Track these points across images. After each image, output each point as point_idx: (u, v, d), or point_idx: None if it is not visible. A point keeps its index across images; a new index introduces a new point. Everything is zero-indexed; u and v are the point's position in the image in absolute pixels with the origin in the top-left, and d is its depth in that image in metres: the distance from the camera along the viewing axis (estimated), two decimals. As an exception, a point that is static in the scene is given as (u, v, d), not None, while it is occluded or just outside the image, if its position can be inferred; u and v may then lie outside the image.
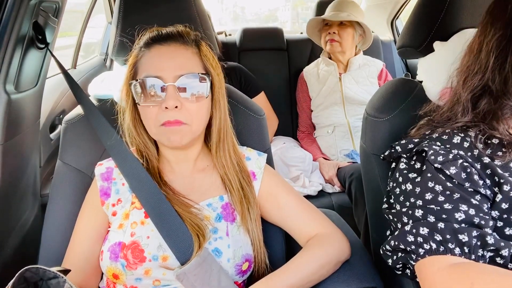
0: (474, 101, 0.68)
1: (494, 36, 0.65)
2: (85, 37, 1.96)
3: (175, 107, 0.70)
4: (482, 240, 0.58)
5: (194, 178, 0.81)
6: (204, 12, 0.96)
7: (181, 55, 0.74)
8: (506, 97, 0.65)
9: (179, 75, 0.71)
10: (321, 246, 0.76)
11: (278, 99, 2.03)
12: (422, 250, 0.60)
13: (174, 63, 0.72)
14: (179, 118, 0.71)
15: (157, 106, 0.71)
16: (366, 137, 0.91)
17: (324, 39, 1.83)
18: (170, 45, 0.74)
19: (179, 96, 0.71)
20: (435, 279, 0.57)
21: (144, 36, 0.77)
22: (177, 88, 0.71)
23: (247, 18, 11.05)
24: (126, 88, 0.77)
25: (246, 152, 0.86)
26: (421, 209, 0.63)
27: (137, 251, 0.71)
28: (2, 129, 0.89)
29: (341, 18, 1.76)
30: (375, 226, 0.91)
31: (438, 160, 0.65)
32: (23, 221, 1.06)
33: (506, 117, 0.66)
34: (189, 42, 0.75)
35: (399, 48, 0.96)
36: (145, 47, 0.75)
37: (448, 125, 0.70)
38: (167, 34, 0.75)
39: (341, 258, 0.77)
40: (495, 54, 0.65)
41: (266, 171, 0.84)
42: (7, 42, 0.85)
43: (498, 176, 0.63)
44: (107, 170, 0.81)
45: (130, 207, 0.77)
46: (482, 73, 0.67)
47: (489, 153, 0.65)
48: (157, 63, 0.72)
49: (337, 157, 1.76)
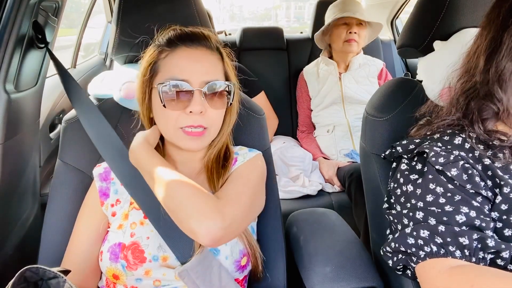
0: (466, 101, 0.69)
1: (486, 39, 0.65)
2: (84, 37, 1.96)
3: (200, 112, 0.70)
4: (483, 242, 0.58)
5: (194, 178, 0.81)
6: (204, 11, 0.96)
7: (208, 60, 0.73)
8: (488, 99, 0.65)
9: (206, 81, 0.71)
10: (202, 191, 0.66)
11: (278, 98, 2.03)
12: (422, 253, 0.60)
13: (201, 68, 0.72)
14: (202, 123, 0.72)
15: (180, 110, 0.71)
16: (366, 136, 0.91)
17: (341, 38, 1.79)
18: (197, 48, 0.73)
19: (204, 102, 0.71)
20: (436, 281, 0.57)
21: (166, 34, 0.75)
22: (203, 94, 0.71)
23: (244, 17, 11.14)
24: (142, 86, 0.75)
25: (237, 150, 0.86)
26: (422, 211, 0.63)
27: (137, 252, 0.71)
28: (2, 129, 0.89)
29: (367, 19, 1.76)
30: (375, 225, 0.91)
31: (439, 162, 0.64)
32: (22, 220, 1.06)
33: (485, 118, 0.66)
34: (214, 48, 0.75)
35: (399, 48, 0.96)
36: (168, 46, 0.74)
37: (444, 124, 0.70)
38: (193, 35, 0.74)
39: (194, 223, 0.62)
40: (485, 57, 0.65)
41: (249, 161, 0.81)
42: (7, 41, 0.85)
43: (499, 177, 0.63)
44: (105, 170, 0.81)
45: (129, 207, 0.77)
46: (472, 75, 0.67)
47: (489, 154, 0.65)
48: (184, 66, 0.72)
49: (336, 156, 1.75)
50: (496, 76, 0.63)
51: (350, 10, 1.75)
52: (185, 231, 0.64)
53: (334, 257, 0.82)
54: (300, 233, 0.92)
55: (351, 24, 1.78)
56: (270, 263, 0.85)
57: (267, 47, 2.18)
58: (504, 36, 0.62)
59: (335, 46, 1.84)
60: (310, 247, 0.87)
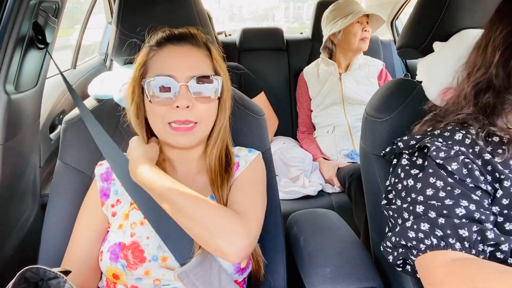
0: (477, 95, 0.69)
1: (501, 32, 0.66)
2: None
3: (186, 107, 0.71)
4: (482, 235, 0.58)
5: (193, 179, 0.81)
6: (204, 12, 0.96)
7: (194, 56, 0.75)
8: (508, 91, 0.66)
9: (191, 75, 0.72)
10: (227, 211, 0.67)
11: (278, 99, 2.03)
12: (423, 246, 0.61)
13: (187, 64, 0.73)
14: (189, 118, 0.72)
15: (167, 105, 0.72)
16: (365, 137, 0.91)
17: (357, 37, 1.78)
18: (183, 45, 0.75)
19: (191, 96, 0.72)
20: (436, 274, 0.57)
21: (156, 36, 0.78)
22: (189, 88, 0.72)
23: (244, 17, 11.18)
24: (133, 86, 0.77)
25: (236, 151, 0.86)
26: (422, 205, 0.64)
27: (137, 252, 0.71)
28: (2, 129, 0.89)
29: (383, 17, 1.77)
30: (375, 226, 0.91)
31: (440, 156, 0.65)
32: (23, 221, 1.06)
33: (506, 112, 0.67)
34: (200, 44, 0.77)
35: (398, 48, 0.96)
36: (157, 46, 0.76)
37: (451, 118, 0.71)
38: (180, 35, 0.76)
39: (224, 245, 0.64)
40: (501, 50, 0.66)
41: (251, 164, 0.82)
42: (7, 42, 0.86)
43: (499, 172, 0.63)
44: (107, 171, 0.81)
45: (129, 207, 0.77)
46: (486, 69, 0.68)
47: (489, 150, 0.66)
48: (170, 63, 0.73)
49: (337, 157, 1.76)
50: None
51: (358, 9, 1.76)
52: (213, 251, 0.66)
53: (334, 258, 0.82)
54: (300, 234, 0.93)
55: (362, 22, 1.78)
56: (270, 263, 0.85)
57: (267, 48, 2.18)
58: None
59: (350, 46, 1.80)
60: (310, 247, 0.87)
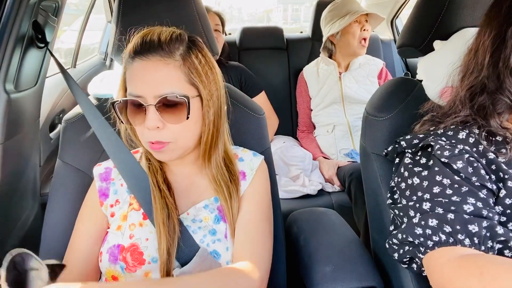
0: (471, 97, 0.70)
1: (489, 35, 0.67)
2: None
3: (156, 128, 0.68)
4: (492, 230, 0.58)
5: (193, 180, 0.81)
6: (204, 12, 0.96)
7: (161, 71, 0.68)
8: (499, 92, 0.66)
9: (158, 95, 0.66)
10: (228, 277, 0.67)
11: (278, 98, 2.03)
12: (431, 242, 0.60)
13: (154, 82, 0.67)
14: (161, 139, 0.69)
15: (141, 125, 0.70)
16: (366, 136, 0.91)
17: (356, 37, 1.76)
18: (150, 59, 0.68)
19: (159, 117, 0.67)
20: (444, 270, 0.56)
21: (131, 42, 0.72)
22: (157, 109, 0.67)
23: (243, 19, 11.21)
24: (121, 95, 0.74)
25: (240, 153, 0.84)
26: (429, 202, 0.63)
27: (136, 254, 0.71)
28: (2, 129, 0.89)
29: (382, 16, 1.76)
30: (375, 225, 0.91)
31: (444, 155, 0.65)
32: (22, 220, 1.06)
33: (500, 112, 0.67)
34: (171, 54, 0.68)
35: (399, 47, 0.96)
36: (130, 57, 0.70)
37: (449, 120, 0.71)
38: (148, 45, 0.69)
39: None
40: (490, 52, 0.67)
41: (258, 173, 0.81)
42: (6, 41, 0.85)
43: (503, 171, 0.64)
44: (106, 171, 0.81)
45: (128, 208, 0.76)
46: (478, 72, 0.68)
47: (493, 149, 0.66)
48: (138, 81, 0.68)
49: (336, 156, 1.76)
50: (507, 70, 0.65)
51: (355, 9, 1.75)
52: None
53: (334, 257, 0.82)
54: (300, 233, 0.93)
55: (361, 22, 1.76)
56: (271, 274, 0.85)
57: (267, 47, 2.18)
58: (508, 32, 0.64)
59: (349, 47, 1.79)
60: (310, 246, 0.87)
